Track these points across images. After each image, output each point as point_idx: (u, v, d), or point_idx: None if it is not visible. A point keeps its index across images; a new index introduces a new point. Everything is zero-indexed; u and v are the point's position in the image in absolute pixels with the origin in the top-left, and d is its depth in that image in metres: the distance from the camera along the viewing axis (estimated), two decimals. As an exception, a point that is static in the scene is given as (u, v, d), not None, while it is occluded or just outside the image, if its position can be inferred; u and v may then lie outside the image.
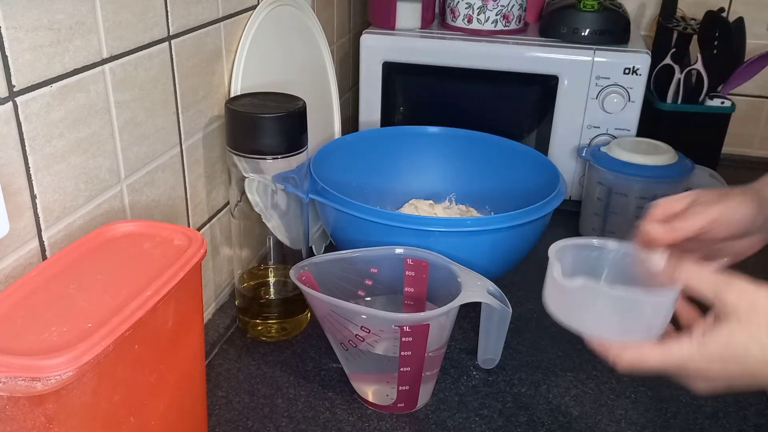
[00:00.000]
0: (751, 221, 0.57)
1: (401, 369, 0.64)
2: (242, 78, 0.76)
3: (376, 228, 0.75)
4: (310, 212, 0.79)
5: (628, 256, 0.58)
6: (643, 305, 0.52)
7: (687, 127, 1.10)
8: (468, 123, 0.96)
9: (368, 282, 0.72)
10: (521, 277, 0.89)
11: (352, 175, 0.92)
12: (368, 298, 0.73)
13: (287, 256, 0.77)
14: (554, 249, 0.57)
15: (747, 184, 0.59)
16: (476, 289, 0.65)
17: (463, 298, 0.63)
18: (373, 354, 0.65)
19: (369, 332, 0.62)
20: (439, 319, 0.63)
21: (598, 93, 1.02)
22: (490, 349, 0.70)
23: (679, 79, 1.09)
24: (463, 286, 0.65)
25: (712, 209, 0.56)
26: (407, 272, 0.72)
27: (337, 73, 1.01)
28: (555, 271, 0.54)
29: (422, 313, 0.69)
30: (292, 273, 0.66)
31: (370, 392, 0.68)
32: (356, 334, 0.63)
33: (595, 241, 0.59)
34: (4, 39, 0.46)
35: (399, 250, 0.71)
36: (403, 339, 0.61)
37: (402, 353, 0.63)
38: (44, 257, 0.52)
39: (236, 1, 0.75)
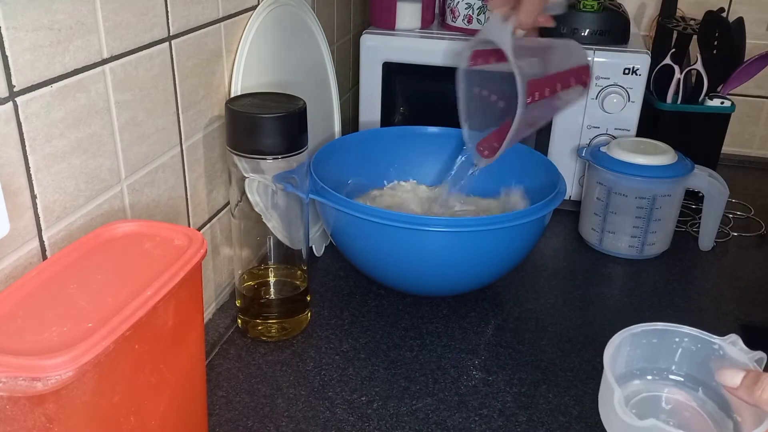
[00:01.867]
0: None
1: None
2: (242, 78, 0.76)
3: (376, 228, 0.75)
4: (310, 212, 0.79)
5: (701, 349, 0.54)
6: None
7: (687, 127, 1.10)
8: (468, 123, 0.96)
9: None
10: (521, 276, 0.90)
11: (352, 175, 0.92)
12: None
13: (287, 256, 0.77)
14: (610, 350, 0.50)
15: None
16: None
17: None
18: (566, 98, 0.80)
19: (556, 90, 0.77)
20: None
21: (597, 93, 1.02)
22: None
23: (679, 79, 1.09)
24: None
25: None
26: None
27: (337, 73, 1.01)
28: (616, 399, 0.47)
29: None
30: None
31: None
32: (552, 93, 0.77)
33: (660, 325, 0.55)
34: (4, 39, 0.46)
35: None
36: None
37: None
38: (44, 257, 0.52)
39: (236, 1, 0.76)
